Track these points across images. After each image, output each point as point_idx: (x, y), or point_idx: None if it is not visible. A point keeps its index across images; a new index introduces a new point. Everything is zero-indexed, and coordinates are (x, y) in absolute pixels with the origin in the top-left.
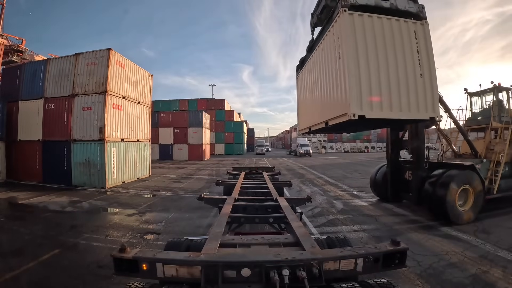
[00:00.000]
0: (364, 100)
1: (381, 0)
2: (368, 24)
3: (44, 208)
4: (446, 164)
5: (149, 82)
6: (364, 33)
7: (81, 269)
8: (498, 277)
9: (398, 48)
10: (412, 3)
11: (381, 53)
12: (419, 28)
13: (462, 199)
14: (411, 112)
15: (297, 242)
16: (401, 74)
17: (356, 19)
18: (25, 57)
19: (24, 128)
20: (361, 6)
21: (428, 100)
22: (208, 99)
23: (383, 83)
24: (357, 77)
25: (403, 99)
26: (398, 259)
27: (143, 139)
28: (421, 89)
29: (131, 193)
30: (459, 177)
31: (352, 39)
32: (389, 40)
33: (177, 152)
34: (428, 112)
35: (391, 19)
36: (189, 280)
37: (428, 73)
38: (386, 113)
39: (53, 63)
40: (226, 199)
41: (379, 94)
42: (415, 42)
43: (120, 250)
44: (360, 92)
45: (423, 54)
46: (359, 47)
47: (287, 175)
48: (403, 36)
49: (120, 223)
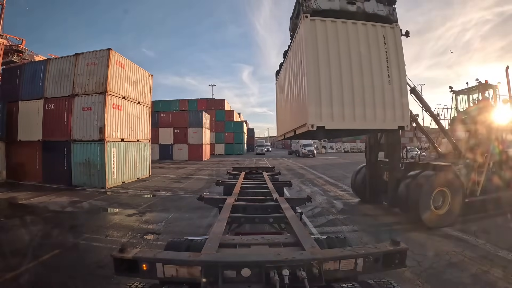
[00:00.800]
0: (324, 110)
1: (347, 4)
2: (332, 30)
3: (44, 208)
4: (423, 164)
5: (149, 82)
6: (326, 39)
7: (81, 269)
8: (498, 277)
9: (364, 54)
10: (382, 5)
11: (344, 60)
12: (388, 32)
13: (439, 202)
14: (376, 121)
15: (297, 242)
16: (367, 81)
17: (318, 25)
18: (25, 57)
19: (24, 128)
20: (325, 11)
21: (396, 108)
22: (208, 99)
23: (346, 92)
24: (317, 86)
25: (368, 109)
26: (398, 259)
27: (143, 139)
28: (389, 96)
29: (131, 193)
30: (434, 178)
31: (312, 47)
32: (354, 46)
33: (177, 152)
34: (397, 121)
35: (357, 24)
36: (189, 280)
37: (397, 79)
38: (348, 124)
39: (53, 63)
40: (226, 199)
41: (341, 103)
42: (383, 47)
43: (120, 250)
44: (319, 102)
45: (393, 59)
46: (321, 55)
47: (287, 175)
48: (369, 41)
49: (120, 223)
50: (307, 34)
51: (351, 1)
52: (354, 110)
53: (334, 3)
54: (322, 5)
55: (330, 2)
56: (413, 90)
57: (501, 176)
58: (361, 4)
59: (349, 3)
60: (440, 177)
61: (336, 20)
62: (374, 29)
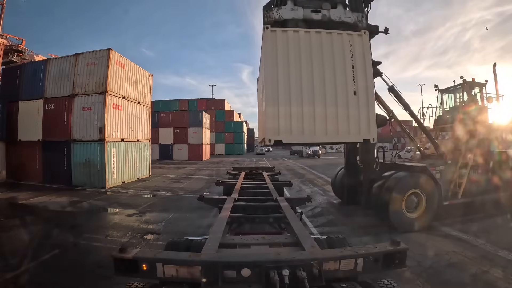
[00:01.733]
0: (282, 124)
1: (311, 12)
2: (294, 40)
3: (44, 208)
4: (397, 165)
5: (149, 82)
6: (287, 51)
7: (81, 269)
8: (498, 277)
9: (327, 65)
10: (350, 12)
11: (306, 72)
12: (356, 40)
13: (413, 205)
14: (339, 135)
15: (297, 242)
16: (330, 94)
17: (279, 36)
18: (25, 57)
19: (24, 128)
20: (288, 21)
21: (362, 121)
22: (208, 99)
23: (307, 105)
24: (275, 100)
25: (331, 122)
26: (398, 259)
27: (143, 139)
28: (353, 108)
29: (131, 193)
30: (407, 180)
31: (272, 59)
32: (317, 56)
33: (177, 152)
34: (361, 134)
35: (321, 33)
36: (189, 280)
37: (363, 90)
38: (308, 138)
39: (53, 63)
40: (226, 199)
41: (301, 117)
42: (350, 56)
43: (120, 250)
44: (278, 116)
45: (359, 69)
46: (280, 68)
47: (287, 175)
48: (334, 51)
49: (120, 223)
50: (267, 46)
51: (316, 10)
52: (314, 124)
53: (298, 12)
54: (285, 15)
55: (293, 11)
56: (391, 88)
57: (487, 178)
58: (327, 12)
59: (313, 11)
60: (413, 179)
61: (298, 30)
62: (340, 37)
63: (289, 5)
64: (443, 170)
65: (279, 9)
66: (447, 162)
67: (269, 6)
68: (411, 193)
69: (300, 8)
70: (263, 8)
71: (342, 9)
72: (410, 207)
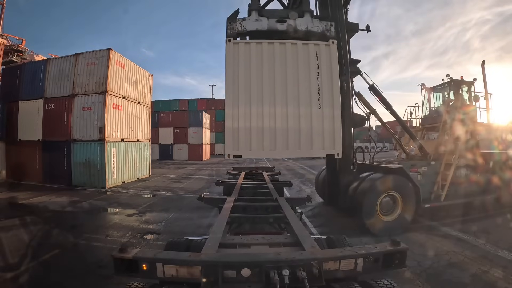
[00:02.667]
0: (242, 138)
1: (275, 23)
2: (256, 52)
3: (44, 208)
4: (374, 166)
5: (149, 82)
6: (249, 63)
7: (81, 269)
8: (498, 277)
9: (291, 77)
10: (318, 21)
11: (268, 85)
12: (323, 51)
13: (388, 207)
14: (301, 150)
15: (297, 242)
16: (292, 107)
17: (241, 48)
18: (25, 57)
19: (24, 128)
20: (251, 32)
21: (326, 135)
22: (208, 99)
23: (267, 119)
24: (236, 114)
25: (292, 136)
26: (398, 259)
27: (143, 139)
28: (318, 122)
29: (131, 193)
30: (382, 182)
31: (233, 73)
32: (280, 68)
33: (177, 152)
34: (325, 149)
35: (286, 44)
36: (189, 280)
37: (329, 103)
38: (268, 153)
39: (53, 63)
40: (226, 199)
41: (261, 132)
42: (315, 67)
43: (120, 250)
44: (237, 130)
45: (325, 81)
46: (242, 80)
47: (287, 175)
48: (299, 62)
49: (120, 223)
50: (229, 59)
51: (281, 19)
52: (275, 138)
53: (262, 23)
54: (248, 26)
55: (257, 22)
56: (371, 87)
57: (473, 180)
58: (293, 21)
59: (278, 21)
60: (388, 180)
61: (261, 41)
62: (306, 48)
63: (253, 16)
64: (425, 172)
65: (243, 21)
66: (431, 163)
67: (234, 18)
68: (386, 195)
69: (265, 18)
70: (227, 20)
71: (309, 18)
72: (386, 210)
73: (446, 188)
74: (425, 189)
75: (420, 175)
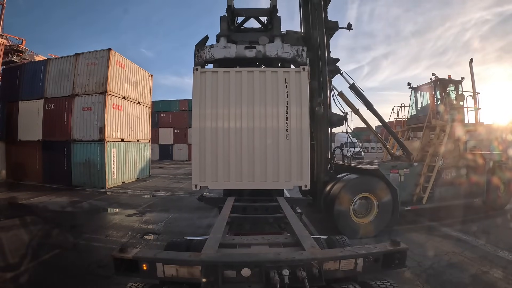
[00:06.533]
0: (208, 169)
1: (244, 50)
2: (224, 81)
3: (44, 208)
4: (350, 167)
5: (149, 82)
6: (216, 92)
7: (81, 269)
8: (498, 277)
9: (258, 106)
10: (289, 47)
11: (235, 115)
12: (292, 78)
13: (364, 209)
14: (267, 182)
15: (297, 242)
16: (259, 138)
17: (209, 77)
18: (25, 57)
19: (24, 128)
20: (219, 60)
21: (293, 166)
22: None
23: (233, 150)
24: (202, 144)
25: (258, 168)
26: (398, 259)
27: (143, 139)
28: (285, 153)
29: (131, 193)
30: (356, 184)
31: (200, 102)
32: (248, 98)
33: (177, 152)
34: (292, 180)
35: (254, 72)
36: (189, 280)
37: (297, 132)
38: (233, 184)
39: (53, 63)
40: (226, 199)
41: (227, 163)
42: (284, 96)
43: (120, 250)
44: (204, 160)
45: (294, 110)
46: (208, 110)
47: None
48: (267, 91)
49: (120, 223)
50: (195, 87)
51: (250, 46)
52: (241, 169)
53: (230, 50)
54: (216, 54)
55: (225, 49)
56: (352, 86)
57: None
58: (262, 48)
59: (247, 47)
60: (363, 182)
61: (229, 70)
62: (275, 75)
63: (221, 43)
64: (407, 173)
65: (211, 48)
66: (413, 165)
67: (202, 45)
68: (361, 197)
69: (234, 45)
70: (195, 47)
71: (280, 43)
72: (361, 212)
73: (429, 190)
74: (406, 191)
75: (401, 177)
